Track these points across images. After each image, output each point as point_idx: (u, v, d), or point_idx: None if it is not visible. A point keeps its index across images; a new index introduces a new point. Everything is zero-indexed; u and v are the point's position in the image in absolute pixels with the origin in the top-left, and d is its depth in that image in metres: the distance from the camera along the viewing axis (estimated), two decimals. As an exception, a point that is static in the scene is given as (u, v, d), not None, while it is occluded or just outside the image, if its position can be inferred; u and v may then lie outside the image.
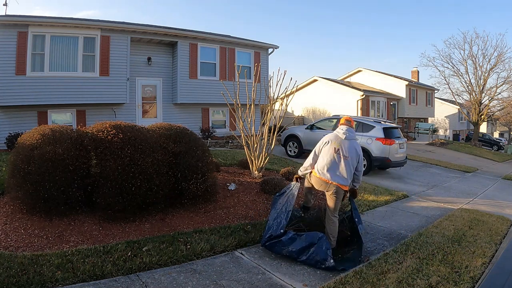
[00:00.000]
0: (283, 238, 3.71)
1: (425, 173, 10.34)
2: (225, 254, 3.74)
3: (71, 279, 2.92)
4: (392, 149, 8.75)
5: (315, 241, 3.61)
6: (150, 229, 4.14)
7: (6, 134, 8.81)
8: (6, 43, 9.09)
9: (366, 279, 3.23)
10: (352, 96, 19.74)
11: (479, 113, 23.63)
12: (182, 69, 12.15)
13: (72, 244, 3.60)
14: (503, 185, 9.88)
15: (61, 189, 3.98)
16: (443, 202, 6.86)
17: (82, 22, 10.13)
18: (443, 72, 27.07)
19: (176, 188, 4.74)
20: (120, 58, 10.70)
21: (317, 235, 3.67)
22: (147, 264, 3.29)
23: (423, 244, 4.16)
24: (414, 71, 28.91)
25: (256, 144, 6.62)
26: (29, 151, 4.11)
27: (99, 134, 4.39)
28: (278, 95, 6.74)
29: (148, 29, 11.44)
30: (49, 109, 10.18)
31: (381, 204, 6.20)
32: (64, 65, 9.96)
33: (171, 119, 11.63)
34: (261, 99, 8.59)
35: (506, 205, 7.14)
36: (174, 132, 5.04)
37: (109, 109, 11.06)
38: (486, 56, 23.10)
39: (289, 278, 3.31)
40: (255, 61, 13.65)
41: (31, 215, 4.02)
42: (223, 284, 3.09)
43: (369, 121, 9.45)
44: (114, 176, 4.08)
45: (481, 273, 3.50)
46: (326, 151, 3.90)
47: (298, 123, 19.81)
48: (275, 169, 7.68)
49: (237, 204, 5.22)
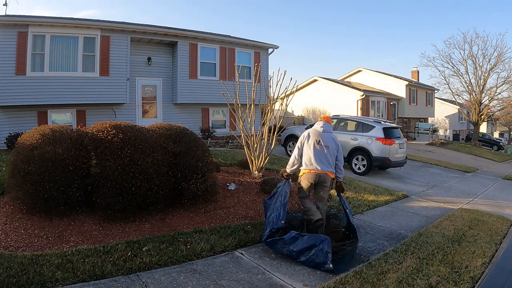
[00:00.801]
0: (286, 237, 3.69)
1: (425, 173, 10.34)
2: (225, 254, 3.74)
3: (71, 279, 2.92)
4: (392, 149, 8.75)
5: (317, 243, 3.58)
6: (150, 229, 4.14)
7: (6, 134, 8.81)
8: (6, 43, 9.09)
9: (366, 279, 3.23)
10: (352, 96, 19.73)
11: (479, 113, 23.62)
12: (182, 69, 12.15)
13: (72, 244, 3.59)
14: (503, 185, 9.88)
15: (61, 189, 3.98)
16: (443, 202, 6.85)
17: (82, 22, 10.13)
18: (443, 72, 27.11)
19: (176, 188, 4.74)
20: (120, 58, 10.70)
21: (320, 237, 3.64)
22: (147, 264, 3.29)
23: (423, 244, 4.16)
24: (414, 71, 28.91)
25: (256, 144, 6.62)
26: (29, 151, 4.11)
27: (99, 134, 4.39)
28: (278, 95, 6.75)
29: (148, 29, 11.44)
30: (49, 109, 10.18)
31: (381, 204, 6.20)
32: (64, 65, 9.96)
33: (171, 119, 11.63)
34: (261, 99, 8.60)
35: (506, 205, 7.14)
36: (174, 132, 5.05)
37: (109, 109, 11.06)
38: (486, 56, 23.14)
39: (289, 278, 3.31)
40: (255, 61, 13.65)
41: (31, 215, 4.02)
42: (223, 284, 3.09)
43: (369, 121, 9.45)
44: (114, 176, 4.08)
45: (481, 273, 3.50)
46: (309, 144, 4.18)
47: (298, 123, 19.80)
48: (275, 169, 7.68)
49: (237, 204, 5.22)
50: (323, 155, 4.14)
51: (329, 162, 4.16)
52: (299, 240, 3.66)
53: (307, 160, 4.16)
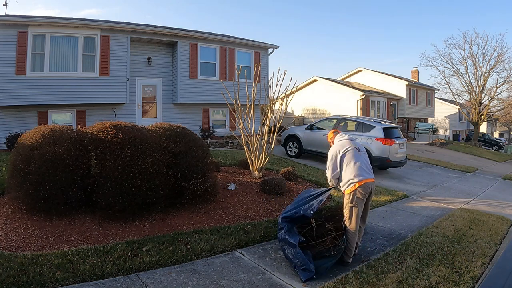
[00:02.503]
0: (289, 238, 3.60)
1: (425, 173, 10.34)
2: (225, 254, 3.74)
3: (71, 279, 2.92)
4: (392, 149, 8.75)
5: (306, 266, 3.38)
6: (150, 229, 4.14)
7: (6, 134, 8.81)
8: (6, 43, 9.08)
9: (366, 279, 3.23)
10: (352, 96, 19.73)
11: (479, 113, 23.61)
12: (182, 69, 12.15)
13: (72, 244, 3.60)
14: (503, 185, 9.88)
15: (61, 189, 3.98)
16: (443, 202, 6.85)
17: (82, 22, 10.12)
18: (443, 72, 27.06)
19: (176, 188, 4.74)
20: (120, 58, 10.70)
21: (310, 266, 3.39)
22: (147, 264, 3.29)
23: (423, 244, 4.16)
24: (414, 71, 28.90)
25: (256, 144, 6.62)
26: (29, 151, 4.11)
27: (99, 134, 4.39)
28: (278, 95, 6.74)
29: (148, 29, 11.43)
30: (49, 109, 10.18)
31: (381, 204, 6.20)
32: (64, 65, 9.95)
33: (171, 119, 11.62)
34: (261, 99, 8.60)
35: (506, 205, 7.14)
36: (174, 132, 5.04)
37: (109, 109, 11.06)
38: (486, 56, 23.09)
39: (289, 278, 3.31)
40: (255, 61, 13.65)
41: (31, 215, 4.02)
42: (223, 284, 3.09)
43: (369, 121, 9.45)
44: (114, 176, 4.08)
45: (481, 273, 3.50)
46: (352, 155, 3.71)
47: (298, 123, 19.80)
48: (275, 169, 7.68)
49: (237, 204, 5.22)
50: (368, 162, 3.81)
51: (370, 168, 3.81)
52: (300, 253, 3.48)
53: (358, 172, 3.61)
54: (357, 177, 3.59)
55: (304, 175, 7.54)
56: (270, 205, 5.38)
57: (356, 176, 3.59)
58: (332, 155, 3.78)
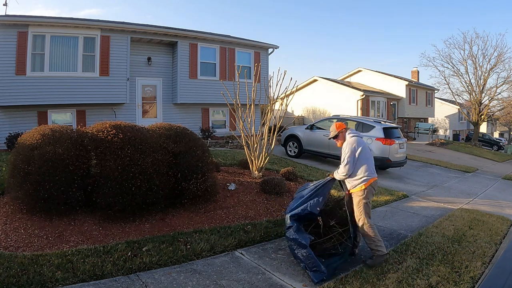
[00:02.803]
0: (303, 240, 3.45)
1: (425, 173, 10.34)
2: (225, 254, 3.74)
3: (71, 279, 2.93)
4: (392, 149, 8.75)
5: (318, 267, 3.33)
6: (150, 229, 4.14)
7: (6, 134, 8.81)
8: (6, 43, 9.08)
9: (366, 279, 3.23)
10: (352, 96, 19.73)
11: (479, 113, 23.61)
12: (182, 69, 12.15)
13: (72, 244, 3.60)
14: (503, 185, 9.88)
15: (61, 189, 3.98)
16: (443, 202, 6.85)
17: (82, 22, 10.12)
18: (443, 72, 27.05)
19: (176, 188, 4.74)
20: (120, 58, 10.70)
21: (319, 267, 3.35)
22: (147, 264, 3.29)
23: (423, 244, 4.16)
24: (414, 71, 28.89)
25: (256, 144, 6.62)
26: (29, 151, 4.11)
27: (99, 134, 4.39)
28: (278, 95, 6.74)
29: (148, 29, 11.43)
30: (49, 109, 10.17)
31: (381, 204, 6.20)
32: (64, 65, 9.95)
33: (171, 119, 11.62)
34: (261, 99, 8.59)
35: (506, 205, 7.14)
36: (174, 132, 5.04)
37: (109, 109, 11.06)
38: (486, 56, 23.10)
39: (289, 278, 3.31)
40: (255, 61, 13.64)
41: (31, 215, 4.02)
42: (223, 284, 3.09)
43: (369, 121, 9.45)
44: (114, 176, 4.08)
45: (481, 273, 3.50)
46: (367, 151, 3.77)
47: (298, 123, 19.80)
48: (275, 169, 7.68)
49: (237, 204, 5.22)
50: (373, 160, 3.82)
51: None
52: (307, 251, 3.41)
53: (371, 170, 3.68)
54: (372, 174, 3.70)
55: (304, 175, 7.54)
56: (270, 205, 5.38)
57: (371, 173, 3.69)
58: (352, 150, 3.65)
